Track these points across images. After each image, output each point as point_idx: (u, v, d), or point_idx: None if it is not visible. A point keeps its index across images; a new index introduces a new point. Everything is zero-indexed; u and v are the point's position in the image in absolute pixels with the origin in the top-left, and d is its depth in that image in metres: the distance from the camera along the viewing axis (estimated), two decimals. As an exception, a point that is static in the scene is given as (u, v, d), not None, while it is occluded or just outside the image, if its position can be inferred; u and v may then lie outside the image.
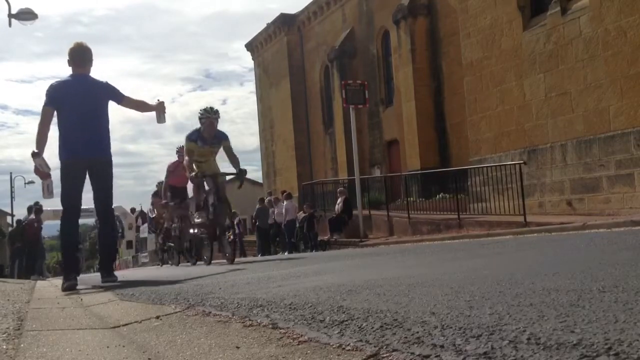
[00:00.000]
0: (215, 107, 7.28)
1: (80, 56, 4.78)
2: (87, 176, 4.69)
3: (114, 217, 5.06)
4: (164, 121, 5.06)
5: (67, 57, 4.79)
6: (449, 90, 18.24)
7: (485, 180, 12.19)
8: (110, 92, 4.84)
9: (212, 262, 7.43)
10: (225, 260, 7.11)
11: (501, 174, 11.60)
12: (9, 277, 14.44)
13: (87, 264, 39.24)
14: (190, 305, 2.18)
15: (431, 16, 19.16)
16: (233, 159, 7.25)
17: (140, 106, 5.13)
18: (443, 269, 2.59)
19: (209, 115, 6.98)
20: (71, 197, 4.59)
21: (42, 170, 4.54)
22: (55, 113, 4.62)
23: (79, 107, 4.61)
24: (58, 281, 5.25)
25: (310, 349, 1.21)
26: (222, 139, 7.25)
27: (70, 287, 4.24)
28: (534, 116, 12.04)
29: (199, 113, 7.09)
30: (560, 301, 1.23)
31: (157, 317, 2.07)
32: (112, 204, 4.89)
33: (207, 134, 7.03)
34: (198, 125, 7.15)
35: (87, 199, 4.94)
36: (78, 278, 4.74)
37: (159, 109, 5.07)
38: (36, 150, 4.53)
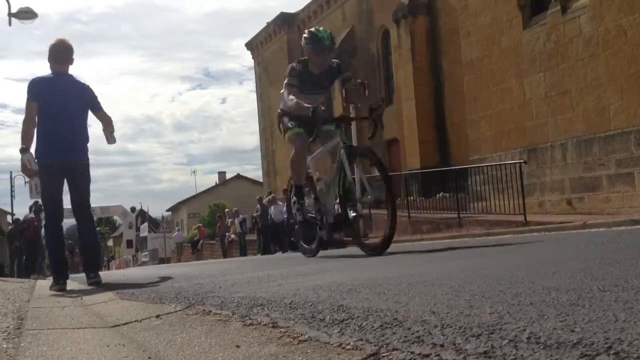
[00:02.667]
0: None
1: (63, 54, 4.61)
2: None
3: (92, 216, 4.92)
4: (114, 141, 4.84)
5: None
6: (449, 89, 18.24)
7: (486, 179, 12.19)
8: (91, 98, 4.71)
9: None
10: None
11: (501, 173, 11.60)
12: (9, 276, 14.45)
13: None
14: (190, 304, 2.18)
15: (431, 15, 19.16)
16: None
17: (107, 123, 4.86)
18: (443, 268, 2.59)
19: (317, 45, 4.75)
20: (53, 198, 4.50)
21: (29, 168, 4.42)
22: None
23: (60, 106, 4.48)
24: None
25: (310, 348, 1.21)
26: (336, 75, 5.02)
27: (58, 291, 4.13)
28: (534, 115, 12.04)
29: (303, 37, 4.86)
30: (560, 300, 1.23)
31: (157, 316, 2.07)
32: (89, 204, 4.76)
33: (316, 69, 4.86)
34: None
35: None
36: (67, 281, 4.65)
37: (109, 129, 4.83)
38: (24, 146, 4.41)
